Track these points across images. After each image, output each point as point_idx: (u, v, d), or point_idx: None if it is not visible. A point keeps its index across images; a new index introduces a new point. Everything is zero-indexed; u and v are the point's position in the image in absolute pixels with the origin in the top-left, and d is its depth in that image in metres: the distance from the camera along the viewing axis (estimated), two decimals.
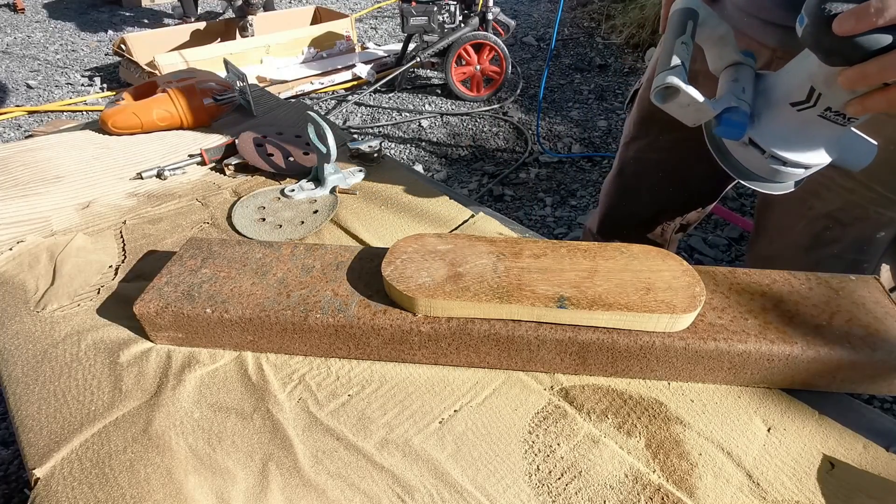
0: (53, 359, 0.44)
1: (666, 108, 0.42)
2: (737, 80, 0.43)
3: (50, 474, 0.36)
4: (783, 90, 0.41)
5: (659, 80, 0.41)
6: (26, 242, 0.58)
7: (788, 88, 0.40)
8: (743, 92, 0.42)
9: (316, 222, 0.61)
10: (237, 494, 0.35)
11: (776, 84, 0.42)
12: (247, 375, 0.43)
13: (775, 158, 0.42)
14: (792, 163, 0.42)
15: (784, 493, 0.36)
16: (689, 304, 0.40)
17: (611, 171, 0.84)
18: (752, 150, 0.43)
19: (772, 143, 0.42)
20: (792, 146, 0.41)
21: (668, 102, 0.42)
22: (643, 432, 0.39)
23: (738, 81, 0.42)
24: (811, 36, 0.34)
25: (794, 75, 0.40)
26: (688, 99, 0.41)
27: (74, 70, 3.03)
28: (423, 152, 2.19)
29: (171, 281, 0.45)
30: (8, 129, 2.36)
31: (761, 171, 0.44)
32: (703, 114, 0.41)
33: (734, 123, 0.40)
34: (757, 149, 0.42)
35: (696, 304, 0.40)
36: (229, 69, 0.88)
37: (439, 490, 0.36)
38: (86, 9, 4.18)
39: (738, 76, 0.43)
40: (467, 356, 0.43)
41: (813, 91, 0.38)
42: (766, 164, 0.42)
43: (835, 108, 0.38)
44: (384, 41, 3.42)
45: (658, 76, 0.41)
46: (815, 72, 0.38)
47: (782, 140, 0.41)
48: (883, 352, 0.39)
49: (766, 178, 0.44)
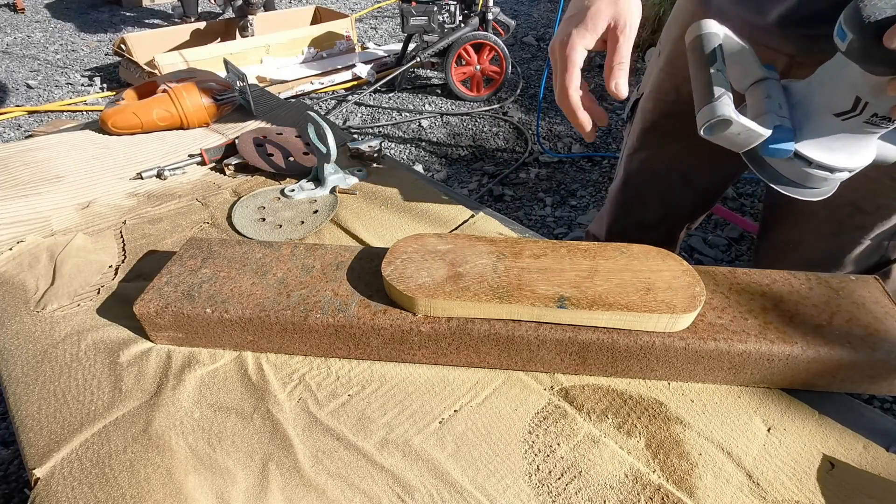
0: (53, 359, 0.44)
1: (714, 139, 0.42)
2: (770, 97, 0.42)
3: (50, 474, 0.36)
4: (823, 101, 0.41)
5: (707, 113, 0.40)
6: (26, 242, 0.58)
7: (829, 99, 0.40)
8: (780, 108, 0.42)
9: (316, 222, 0.61)
10: (237, 494, 0.35)
11: (812, 95, 0.42)
12: (247, 375, 0.43)
13: (822, 167, 0.42)
14: (838, 169, 0.42)
15: (784, 492, 0.36)
16: (689, 304, 0.40)
17: (615, 181, 0.83)
18: (796, 162, 0.42)
19: (818, 154, 0.42)
20: (837, 154, 0.41)
21: (717, 134, 0.41)
22: (643, 432, 0.39)
23: (772, 98, 0.42)
24: (858, 51, 0.34)
25: (833, 86, 0.40)
26: (740, 128, 0.40)
27: (74, 70, 3.03)
28: (423, 152, 2.19)
29: (171, 281, 0.45)
30: (8, 129, 2.36)
31: (804, 181, 0.44)
32: (753, 139, 0.41)
33: (781, 143, 0.40)
34: (801, 161, 0.42)
35: (696, 304, 0.40)
36: (229, 69, 0.88)
37: (439, 490, 0.36)
38: (86, 9, 4.18)
39: (770, 92, 0.43)
40: (467, 356, 0.43)
41: (859, 101, 0.38)
42: (812, 173, 0.43)
43: (881, 114, 0.38)
44: (384, 41, 3.42)
45: (705, 109, 0.40)
46: (859, 82, 0.38)
47: (828, 150, 0.42)
48: (883, 352, 0.39)
49: (809, 186, 0.44)
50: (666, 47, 0.67)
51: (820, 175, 0.43)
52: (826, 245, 0.63)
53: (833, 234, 0.61)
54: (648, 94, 0.71)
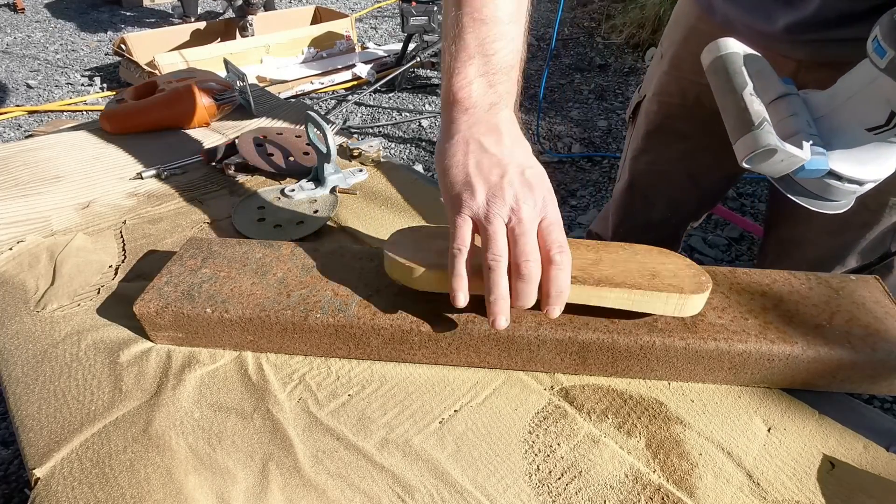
0: (53, 358, 0.44)
1: (755, 168, 0.41)
2: (797, 115, 0.41)
3: (50, 474, 0.36)
4: (853, 116, 0.40)
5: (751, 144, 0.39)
6: (26, 242, 0.58)
7: (861, 114, 0.40)
8: (809, 126, 0.41)
9: (316, 222, 0.61)
10: (237, 494, 0.35)
11: (840, 110, 0.41)
12: (247, 375, 0.43)
13: (852, 182, 0.42)
14: (868, 182, 0.42)
15: (784, 492, 0.36)
16: (697, 288, 0.40)
17: (620, 183, 0.82)
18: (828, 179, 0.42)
19: (849, 168, 0.41)
20: (866, 167, 0.41)
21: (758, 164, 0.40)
22: (643, 432, 0.39)
23: (799, 116, 0.41)
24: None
25: (865, 101, 0.39)
26: (784, 156, 0.39)
27: (74, 70, 3.03)
28: (423, 152, 2.19)
29: (171, 281, 0.45)
30: (8, 128, 2.36)
31: (830, 194, 0.43)
32: (794, 165, 0.40)
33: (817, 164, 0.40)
34: (831, 176, 0.42)
35: (703, 288, 0.40)
36: (229, 69, 0.88)
37: (439, 490, 0.36)
38: (86, 9, 4.18)
39: (795, 109, 0.41)
40: (467, 356, 0.43)
41: (894, 115, 0.38)
42: (841, 188, 0.42)
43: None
44: (384, 41, 3.42)
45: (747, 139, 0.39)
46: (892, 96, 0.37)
47: (858, 163, 0.41)
48: (883, 352, 0.39)
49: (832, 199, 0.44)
50: (669, 50, 0.67)
51: (849, 189, 0.42)
52: (831, 242, 0.62)
53: (838, 231, 0.61)
54: (652, 97, 0.71)
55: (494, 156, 0.38)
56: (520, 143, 0.40)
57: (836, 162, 0.41)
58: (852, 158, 0.41)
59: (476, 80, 0.39)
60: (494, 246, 0.36)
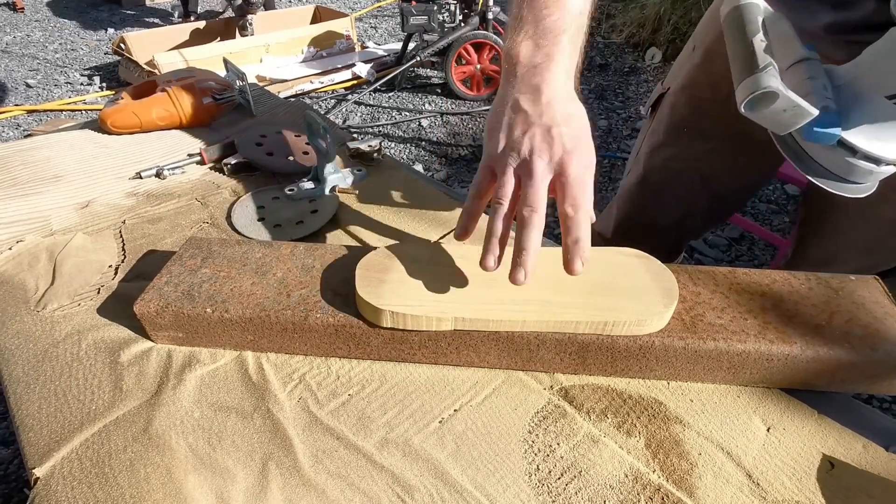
0: (54, 358, 0.44)
1: (756, 117, 0.38)
2: (814, 78, 0.38)
3: (50, 474, 0.36)
4: (875, 83, 0.37)
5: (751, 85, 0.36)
6: (26, 242, 0.58)
7: (883, 80, 0.37)
8: (826, 90, 0.38)
9: (316, 222, 0.61)
10: (237, 494, 0.35)
11: (862, 77, 0.39)
12: (247, 375, 0.43)
13: (869, 159, 0.39)
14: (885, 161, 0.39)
15: (784, 492, 0.36)
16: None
17: (630, 177, 0.79)
18: (840, 151, 0.39)
19: (865, 142, 0.38)
20: (886, 143, 0.38)
21: (759, 110, 0.37)
22: (643, 432, 0.39)
23: (816, 79, 0.38)
24: None
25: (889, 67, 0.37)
26: (787, 104, 0.36)
27: (74, 69, 3.03)
28: (423, 152, 2.19)
29: (171, 280, 0.45)
30: (7, 128, 2.36)
31: (847, 173, 0.40)
32: (800, 118, 0.37)
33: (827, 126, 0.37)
34: (846, 150, 0.39)
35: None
36: (229, 68, 0.88)
37: (439, 490, 0.36)
38: (86, 8, 4.17)
39: (813, 73, 0.39)
40: (467, 356, 0.43)
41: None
42: (856, 164, 0.39)
43: None
44: (384, 40, 3.42)
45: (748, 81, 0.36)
46: None
47: (876, 138, 0.38)
48: (882, 352, 0.39)
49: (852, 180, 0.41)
50: (703, 42, 0.65)
51: (865, 167, 0.39)
52: (859, 261, 0.61)
53: (868, 250, 0.60)
54: (680, 90, 0.69)
55: (525, 112, 0.40)
56: (559, 103, 0.40)
57: (851, 133, 0.38)
58: (870, 132, 0.38)
59: (525, 41, 0.41)
60: (500, 191, 0.40)
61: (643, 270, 0.44)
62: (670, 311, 0.41)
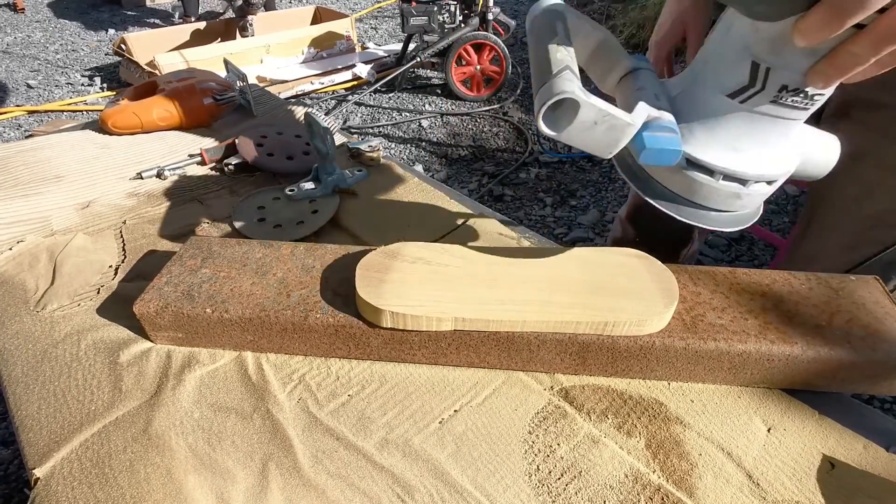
0: (53, 358, 0.44)
1: (565, 138, 0.30)
2: (643, 89, 0.32)
3: (50, 474, 0.36)
4: (712, 80, 0.30)
5: (545, 94, 0.29)
6: (26, 242, 0.58)
7: (719, 75, 0.30)
8: (657, 99, 0.31)
9: (316, 222, 0.61)
10: (237, 494, 0.35)
11: (697, 76, 0.32)
12: (247, 375, 0.43)
13: (729, 178, 0.31)
14: (750, 178, 0.31)
15: (784, 493, 0.36)
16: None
17: None
18: (691, 174, 0.32)
19: (717, 156, 0.31)
20: (744, 155, 0.31)
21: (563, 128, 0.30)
22: (643, 432, 0.39)
23: (645, 89, 0.32)
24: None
25: (722, 56, 0.30)
26: (594, 113, 0.29)
27: (74, 70, 3.03)
28: (423, 152, 2.19)
29: (171, 281, 0.45)
30: (8, 128, 2.36)
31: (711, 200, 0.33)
32: (619, 132, 0.30)
33: (663, 142, 0.29)
34: (698, 170, 0.31)
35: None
36: (229, 69, 0.88)
37: (439, 490, 0.36)
38: (86, 8, 4.18)
39: (642, 83, 0.32)
40: (467, 356, 0.43)
41: (757, 67, 0.28)
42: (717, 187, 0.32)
43: (792, 87, 0.28)
44: (384, 41, 3.42)
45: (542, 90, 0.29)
46: (752, 39, 0.27)
47: (731, 149, 0.31)
48: (883, 352, 0.39)
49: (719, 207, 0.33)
50: None
51: (729, 189, 0.31)
52: (843, 257, 0.60)
53: (850, 247, 0.59)
54: None
55: None
56: None
57: (698, 148, 0.31)
58: (721, 143, 0.30)
59: None
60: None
61: (643, 271, 0.44)
62: (670, 312, 0.41)
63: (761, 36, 0.27)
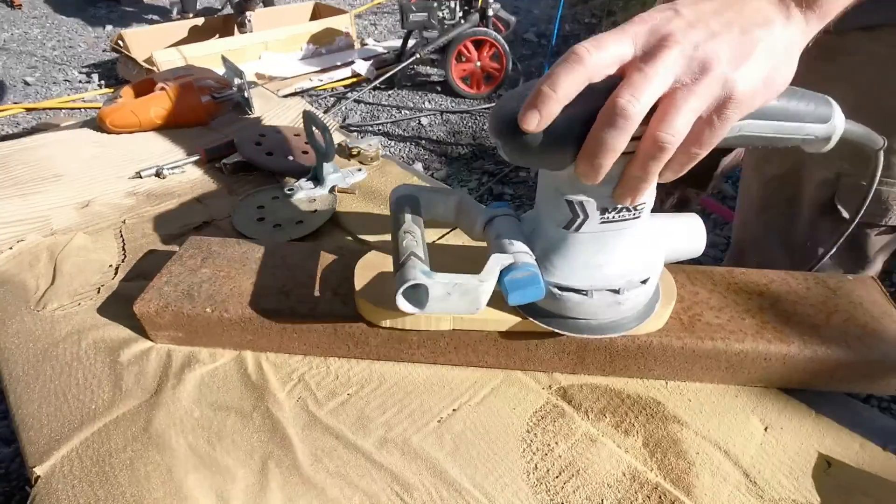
0: (54, 358, 0.44)
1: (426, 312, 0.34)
2: (500, 237, 0.36)
3: (50, 472, 0.36)
4: (547, 217, 0.35)
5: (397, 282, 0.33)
6: (26, 241, 0.58)
7: (551, 213, 0.34)
8: (512, 244, 0.35)
9: (315, 222, 0.61)
10: (237, 493, 0.35)
11: (540, 215, 0.36)
12: (246, 374, 0.43)
13: (612, 293, 0.35)
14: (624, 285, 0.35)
15: (781, 491, 0.36)
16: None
17: None
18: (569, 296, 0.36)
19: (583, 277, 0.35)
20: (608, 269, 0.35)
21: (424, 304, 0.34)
22: (641, 431, 0.40)
23: (502, 236, 0.36)
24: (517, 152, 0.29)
25: (547, 198, 0.34)
26: (441, 288, 0.33)
27: (72, 67, 3.02)
28: (423, 150, 2.19)
29: (171, 280, 0.46)
30: (6, 126, 2.36)
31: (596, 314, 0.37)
32: (474, 293, 0.33)
33: (523, 283, 0.33)
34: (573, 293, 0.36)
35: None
36: (227, 66, 0.88)
37: (438, 488, 0.36)
38: (83, 5, 4.16)
39: (499, 230, 0.36)
40: (466, 356, 0.43)
41: (572, 203, 0.32)
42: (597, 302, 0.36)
43: (611, 207, 0.32)
44: (384, 37, 3.41)
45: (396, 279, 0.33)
46: (559, 182, 0.32)
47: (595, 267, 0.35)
48: (880, 352, 0.40)
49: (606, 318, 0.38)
50: None
51: (605, 300, 0.36)
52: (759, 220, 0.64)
53: (762, 209, 0.63)
54: None
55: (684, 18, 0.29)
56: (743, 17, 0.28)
57: (560, 275, 0.35)
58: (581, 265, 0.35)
59: None
60: None
61: None
62: (668, 311, 0.41)
63: (562, 180, 0.32)
